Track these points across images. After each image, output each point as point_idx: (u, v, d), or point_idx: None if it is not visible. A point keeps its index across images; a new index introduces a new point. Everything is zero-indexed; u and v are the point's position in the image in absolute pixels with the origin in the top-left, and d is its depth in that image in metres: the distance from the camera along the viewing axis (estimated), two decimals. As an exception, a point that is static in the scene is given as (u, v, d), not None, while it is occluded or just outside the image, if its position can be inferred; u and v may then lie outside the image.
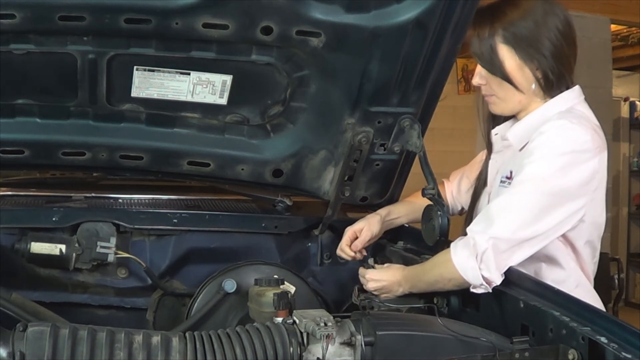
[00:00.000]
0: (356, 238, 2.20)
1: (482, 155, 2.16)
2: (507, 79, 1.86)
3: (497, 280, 1.70)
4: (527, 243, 1.73)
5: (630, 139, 7.64)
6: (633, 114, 7.58)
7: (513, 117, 2.00)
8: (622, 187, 7.51)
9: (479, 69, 1.92)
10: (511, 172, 1.89)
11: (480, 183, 2.08)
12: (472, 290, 1.73)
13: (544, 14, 1.84)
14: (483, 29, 1.86)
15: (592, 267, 1.94)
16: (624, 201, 7.58)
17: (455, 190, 2.25)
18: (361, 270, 2.06)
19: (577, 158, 1.75)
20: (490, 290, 1.71)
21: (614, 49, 6.03)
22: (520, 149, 1.90)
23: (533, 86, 1.86)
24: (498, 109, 1.95)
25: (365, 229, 2.18)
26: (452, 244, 1.78)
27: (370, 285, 2.00)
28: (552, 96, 1.88)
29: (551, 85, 1.86)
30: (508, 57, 1.84)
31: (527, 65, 1.84)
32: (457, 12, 1.86)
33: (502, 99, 1.91)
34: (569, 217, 1.76)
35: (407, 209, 2.26)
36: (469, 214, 2.11)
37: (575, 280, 1.87)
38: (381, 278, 1.98)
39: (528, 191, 1.74)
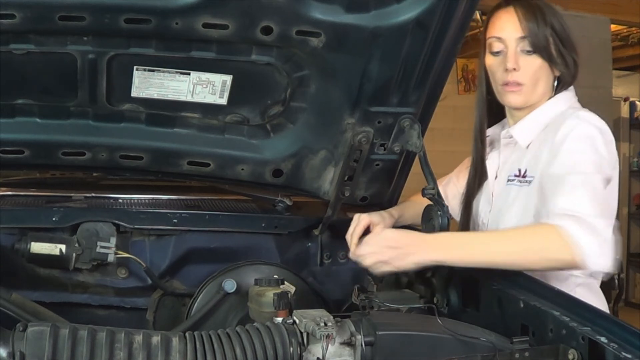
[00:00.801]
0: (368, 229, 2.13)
1: (468, 161, 2.15)
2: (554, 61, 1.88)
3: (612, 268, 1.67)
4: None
5: (630, 139, 7.64)
6: (633, 114, 7.58)
7: (504, 118, 2.02)
8: (622, 187, 7.42)
9: (515, 54, 1.88)
10: (520, 170, 1.91)
11: (476, 183, 2.07)
12: (583, 270, 1.73)
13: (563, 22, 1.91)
14: (542, 16, 1.87)
15: None
16: (624, 201, 7.57)
17: (442, 197, 2.23)
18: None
19: (607, 139, 1.79)
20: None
21: (614, 49, 6.04)
22: (527, 146, 1.91)
23: (555, 83, 1.91)
24: (520, 99, 1.91)
25: (379, 227, 2.05)
26: (563, 225, 1.62)
27: (377, 241, 1.79)
28: (550, 96, 1.92)
29: (564, 84, 1.91)
30: (553, 46, 1.88)
31: (561, 58, 1.89)
32: (457, 12, 1.86)
33: (531, 87, 1.89)
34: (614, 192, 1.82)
35: (415, 211, 2.18)
36: (464, 216, 2.09)
37: (579, 278, 1.86)
38: (396, 239, 1.75)
39: (592, 179, 1.72)
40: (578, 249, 1.60)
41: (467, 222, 2.07)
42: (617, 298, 5.19)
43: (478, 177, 2.07)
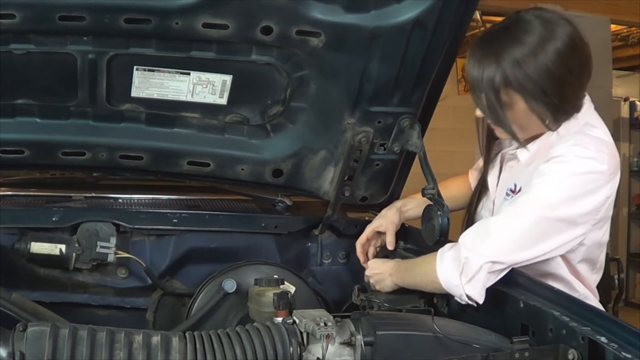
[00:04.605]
0: (374, 236, 2.20)
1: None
2: (511, 127, 1.78)
3: (481, 299, 1.68)
4: (517, 265, 1.70)
5: (630, 139, 7.64)
6: (633, 114, 7.58)
7: None
8: (622, 187, 7.48)
9: None
10: (516, 185, 1.86)
11: (478, 190, 2.05)
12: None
13: (543, 41, 1.70)
14: (481, 63, 1.73)
15: (592, 277, 1.90)
16: (624, 201, 7.57)
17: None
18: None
19: (589, 187, 1.68)
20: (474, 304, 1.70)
21: (614, 49, 6.03)
22: (528, 165, 1.84)
23: (547, 121, 1.77)
24: (505, 137, 1.88)
25: (385, 224, 2.19)
26: (439, 252, 1.76)
27: (367, 272, 2.08)
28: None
29: (562, 117, 1.77)
30: (516, 100, 1.74)
31: (534, 109, 1.74)
32: (457, 12, 1.86)
33: (514, 133, 1.83)
34: (567, 244, 1.71)
35: (420, 200, 2.16)
36: (467, 218, 2.08)
37: (580, 293, 1.85)
38: (378, 267, 2.05)
39: (532, 214, 1.68)
40: (440, 279, 1.73)
41: (470, 219, 2.06)
42: (617, 298, 5.19)
43: (478, 185, 2.07)
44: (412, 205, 2.22)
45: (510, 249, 1.68)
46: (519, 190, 1.84)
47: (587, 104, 1.83)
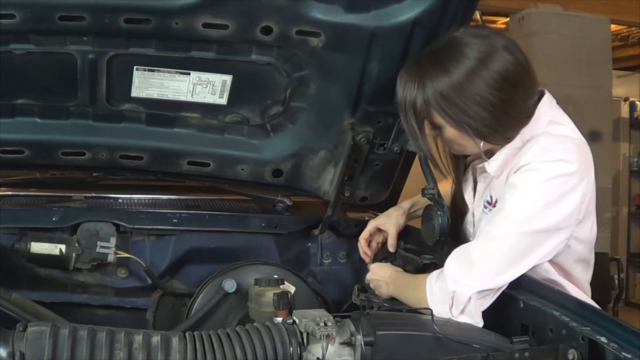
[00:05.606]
0: (376, 231, 2.18)
1: None
2: (430, 152, 1.80)
3: (481, 322, 1.66)
4: (508, 283, 1.68)
5: (630, 139, 7.64)
6: (633, 114, 7.59)
7: None
8: (622, 187, 7.51)
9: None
10: (491, 197, 1.84)
11: (458, 206, 2.01)
12: None
13: (469, 74, 1.64)
14: (402, 87, 1.74)
15: (586, 277, 1.88)
16: (624, 201, 7.58)
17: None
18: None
19: (563, 190, 1.65)
20: None
21: (614, 49, 6.03)
22: (499, 176, 1.81)
23: (482, 144, 1.74)
24: (459, 152, 1.87)
25: (389, 223, 2.15)
26: (428, 281, 1.71)
27: (367, 276, 2.03)
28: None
29: (497, 138, 1.74)
30: (444, 124, 1.72)
31: (465, 132, 1.71)
32: (457, 12, 1.86)
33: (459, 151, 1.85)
34: (553, 250, 1.69)
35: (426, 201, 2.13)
36: (453, 233, 2.00)
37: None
38: (377, 272, 2.00)
39: (510, 233, 1.65)
40: (434, 312, 1.62)
41: (457, 235, 2.02)
42: (617, 298, 5.20)
43: (459, 204, 2.01)
44: (422, 204, 2.19)
45: (494, 273, 1.64)
46: (496, 202, 1.81)
47: (548, 101, 1.76)
